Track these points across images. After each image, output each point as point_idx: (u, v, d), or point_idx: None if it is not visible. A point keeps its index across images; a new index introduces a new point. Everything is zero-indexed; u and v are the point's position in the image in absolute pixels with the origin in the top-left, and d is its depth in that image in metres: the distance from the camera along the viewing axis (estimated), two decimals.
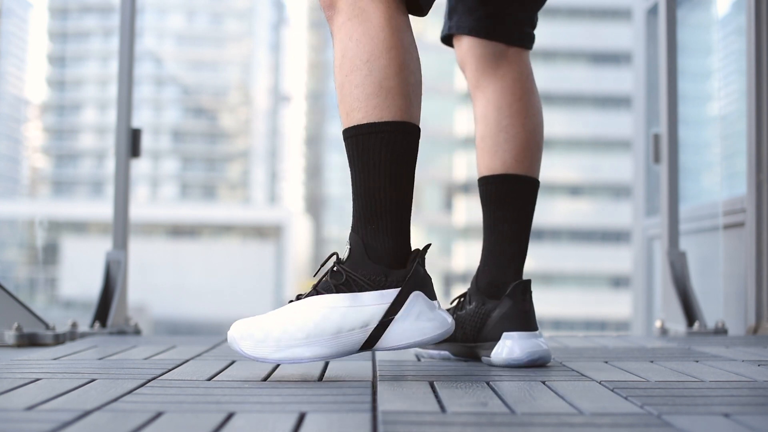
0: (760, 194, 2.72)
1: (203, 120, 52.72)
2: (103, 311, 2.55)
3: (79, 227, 44.60)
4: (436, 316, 1.42)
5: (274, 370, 1.51)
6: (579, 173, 42.53)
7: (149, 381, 1.36)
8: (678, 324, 2.70)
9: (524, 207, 1.72)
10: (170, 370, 1.50)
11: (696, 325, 2.62)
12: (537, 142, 1.73)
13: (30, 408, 1.11)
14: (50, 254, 35.41)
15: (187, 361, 1.65)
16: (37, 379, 1.38)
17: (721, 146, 3.54)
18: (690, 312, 2.71)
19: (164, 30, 52.59)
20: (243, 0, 53.58)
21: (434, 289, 1.45)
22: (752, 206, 2.73)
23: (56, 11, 51.62)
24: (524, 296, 1.66)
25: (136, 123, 2.76)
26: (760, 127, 2.73)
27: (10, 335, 2.13)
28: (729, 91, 3.39)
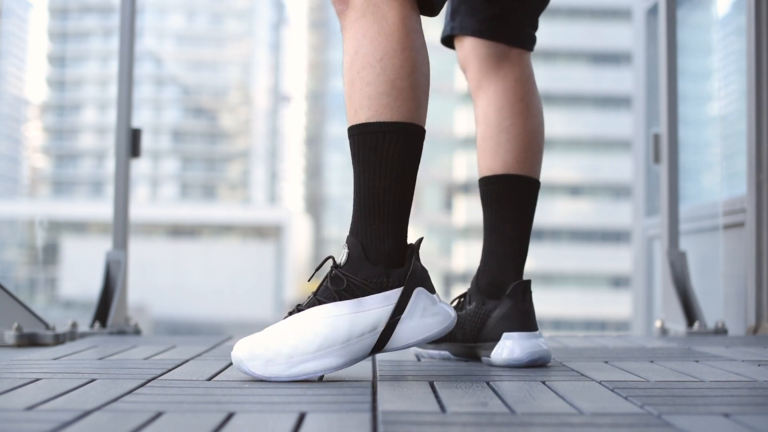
0: (760, 194, 2.72)
1: (203, 120, 52.72)
2: (103, 311, 2.55)
3: (79, 227, 44.60)
4: (440, 310, 1.43)
5: None
6: (579, 173, 42.54)
7: (149, 381, 1.36)
8: (678, 324, 2.70)
9: (525, 207, 1.72)
10: (170, 370, 1.50)
11: (696, 325, 2.62)
12: (538, 143, 1.73)
13: (30, 408, 1.11)
14: (50, 254, 35.41)
15: (187, 361, 1.64)
16: (37, 379, 1.38)
17: (721, 146, 3.54)
18: (690, 312, 2.71)
19: (164, 30, 52.59)
20: (243, 0, 53.58)
21: (432, 282, 1.45)
22: (752, 206, 2.73)
23: (56, 11, 51.63)
24: (524, 296, 1.66)
25: (136, 123, 2.76)
26: (760, 127, 2.73)
27: (10, 335, 2.13)
28: (729, 91, 3.39)
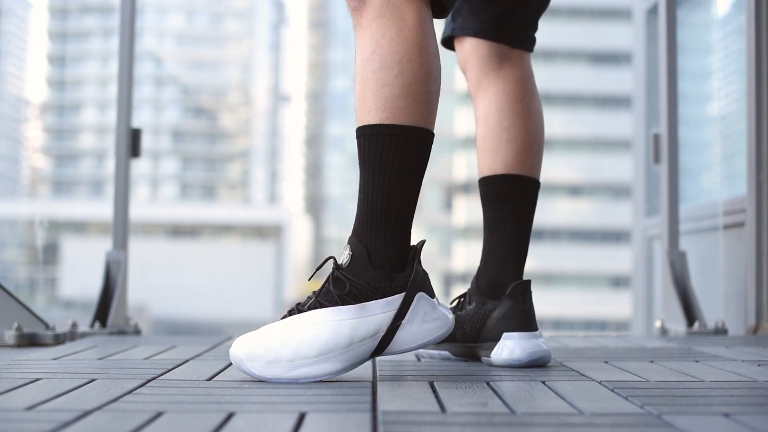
0: (760, 194, 2.72)
1: (203, 120, 52.72)
2: (103, 311, 2.55)
3: (79, 227, 44.60)
4: (439, 315, 1.43)
5: None
6: (579, 173, 42.54)
7: (149, 381, 1.36)
8: (678, 324, 2.70)
9: (525, 207, 1.72)
10: (170, 370, 1.50)
11: (696, 325, 2.62)
12: (538, 144, 1.73)
13: (30, 408, 1.11)
14: (50, 254, 35.41)
15: (187, 361, 1.64)
16: (37, 379, 1.38)
17: (721, 146, 3.54)
18: (690, 312, 2.71)
19: (164, 30, 52.59)
20: (243, 0, 53.58)
21: (432, 285, 1.45)
22: (752, 206, 2.73)
23: (56, 11, 51.64)
24: (524, 296, 1.66)
25: (136, 123, 2.76)
26: (760, 127, 2.73)
27: (10, 335, 2.13)
28: (729, 91, 3.39)
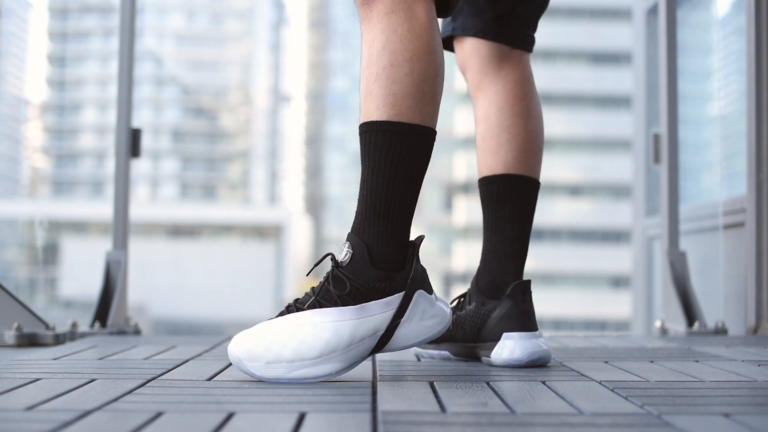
0: (760, 194, 2.72)
1: (203, 120, 52.72)
2: (103, 311, 2.55)
3: (79, 227, 44.61)
4: (438, 311, 1.43)
5: None
6: (579, 173, 42.54)
7: (149, 381, 1.36)
8: (678, 324, 2.70)
9: (525, 207, 1.72)
10: (170, 370, 1.50)
11: (696, 325, 2.62)
12: (538, 144, 1.73)
13: (30, 408, 1.11)
14: (50, 254, 35.40)
15: (187, 361, 1.64)
16: (37, 379, 1.38)
17: (721, 146, 3.54)
18: (690, 312, 2.71)
19: (164, 30, 52.59)
20: (243, 0, 53.58)
21: (430, 281, 1.45)
22: (752, 206, 2.73)
23: (56, 11, 51.63)
24: (524, 296, 1.66)
25: (136, 123, 2.76)
26: (760, 127, 2.73)
27: (10, 335, 2.13)
28: (729, 91, 3.39)
